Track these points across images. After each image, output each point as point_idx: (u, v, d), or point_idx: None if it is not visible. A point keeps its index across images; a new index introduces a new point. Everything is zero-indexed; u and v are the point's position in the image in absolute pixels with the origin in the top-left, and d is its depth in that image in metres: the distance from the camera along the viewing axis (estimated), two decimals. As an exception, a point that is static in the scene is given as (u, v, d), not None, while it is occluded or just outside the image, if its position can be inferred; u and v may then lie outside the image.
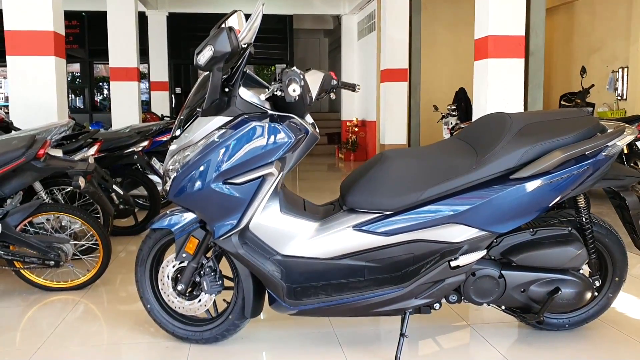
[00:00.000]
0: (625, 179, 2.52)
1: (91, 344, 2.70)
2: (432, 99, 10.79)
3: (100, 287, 3.54)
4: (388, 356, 2.50)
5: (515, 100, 5.73)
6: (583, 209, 2.53)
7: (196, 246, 2.51)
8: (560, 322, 2.71)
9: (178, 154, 2.42)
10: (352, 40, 13.16)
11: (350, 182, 2.52)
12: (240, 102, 2.31)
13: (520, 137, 2.37)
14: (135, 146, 4.81)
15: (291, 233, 2.46)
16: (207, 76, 2.50)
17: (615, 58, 10.72)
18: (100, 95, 18.45)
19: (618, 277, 2.67)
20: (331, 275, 2.49)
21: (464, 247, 2.41)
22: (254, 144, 2.29)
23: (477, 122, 2.66)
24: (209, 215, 2.38)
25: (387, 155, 2.50)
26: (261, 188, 2.34)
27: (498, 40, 5.62)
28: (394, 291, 2.40)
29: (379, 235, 2.43)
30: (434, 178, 2.40)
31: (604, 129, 2.46)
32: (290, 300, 2.42)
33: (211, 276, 2.53)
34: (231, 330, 2.62)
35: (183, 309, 2.62)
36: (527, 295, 2.48)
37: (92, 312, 3.15)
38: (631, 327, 2.80)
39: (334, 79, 2.59)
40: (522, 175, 2.33)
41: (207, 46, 2.15)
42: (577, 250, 2.44)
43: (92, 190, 3.41)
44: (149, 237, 2.65)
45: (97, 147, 4.03)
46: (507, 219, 2.38)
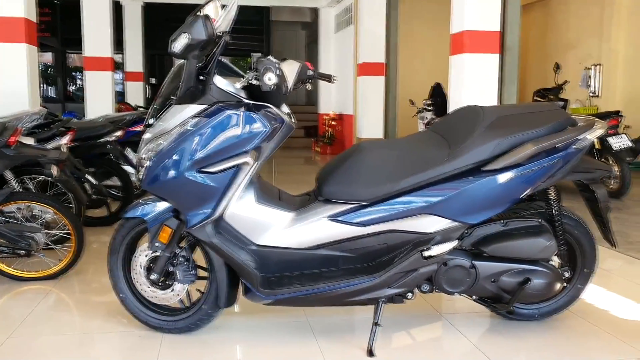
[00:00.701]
0: (595, 172, 2.57)
1: (63, 334, 2.68)
2: (408, 93, 10.83)
3: (72, 277, 3.50)
4: (361, 345, 2.52)
5: (490, 95, 5.79)
6: (553, 201, 2.58)
7: (169, 235, 2.49)
8: (530, 313, 2.76)
9: (152, 143, 2.40)
10: (330, 33, 13.15)
11: (326, 173, 2.53)
12: (216, 91, 2.30)
13: (492, 129, 2.40)
14: (109, 136, 4.76)
15: (266, 223, 2.46)
16: (182, 65, 2.48)
17: (589, 55, 10.89)
18: (73, 86, 18.19)
19: (587, 269, 2.72)
20: (306, 265, 2.50)
21: (436, 237, 2.44)
22: (229, 133, 2.28)
23: (450, 115, 2.69)
24: (182, 204, 2.37)
25: (362, 146, 2.52)
26: (236, 177, 2.34)
27: (474, 35, 5.67)
28: (368, 281, 2.41)
29: (354, 226, 2.45)
30: (408, 169, 2.42)
31: (574, 122, 2.50)
32: (265, 290, 2.42)
33: (184, 266, 2.52)
34: (205, 320, 2.61)
35: (156, 299, 2.60)
36: (498, 285, 2.51)
37: (63, 302, 3.12)
38: (599, 318, 2.86)
39: (310, 69, 2.58)
40: (494, 167, 2.36)
41: (182, 34, 2.14)
42: (547, 241, 2.49)
43: (65, 179, 3.37)
44: (122, 226, 2.63)
45: (69, 136, 3.98)
46: (479, 210, 2.42)
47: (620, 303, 3.09)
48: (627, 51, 10.05)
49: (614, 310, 2.98)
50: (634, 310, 2.98)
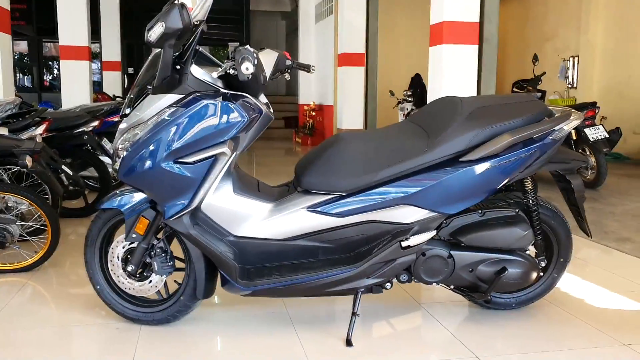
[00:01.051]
0: (571, 162, 2.60)
1: (39, 327, 2.64)
2: (388, 84, 10.86)
3: (48, 269, 3.46)
4: (340, 335, 2.53)
5: (469, 86, 5.81)
6: (530, 192, 2.60)
7: (146, 227, 2.47)
8: (507, 302, 2.79)
9: (128, 133, 2.37)
10: (310, 23, 13.10)
11: (305, 164, 2.53)
12: (192, 80, 2.28)
13: (470, 120, 2.41)
14: (86, 126, 4.70)
15: (245, 214, 2.45)
16: (158, 54, 2.45)
17: (566, 47, 11.00)
18: (49, 75, 17.94)
19: (563, 258, 2.75)
20: (285, 256, 2.50)
21: (414, 227, 2.45)
22: (206, 123, 2.26)
23: (429, 106, 2.69)
24: (159, 195, 2.35)
25: (341, 137, 2.51)
26: (213, 168, 2.32)
27: (453, 26, 5.68)
28: (347, 271, 2.42)
29: (333, 217, 2.44)
30: (387, 160, 2.42)
31: (551, 113, 2.52)
32: (243, 281, 2.41)
33: (162, 257, 2.50)
34: (183, 311, 2.60)
35: (133, 290, 2.58)
36: (475, 274, 2.53)
37: (40, 295, 3.08)
38: (575, 306, 2.90)
39: (289, 59, 2.57)
40: (471, 157, 2.37)
41: (158, 22, 2.11)
42: (524, 231, 2.51)
43: (40, 170, 3.31)
44: (99, 217, 2.60)
45: (45, 126, 3.92)
46: (457, 200, 2.43)
47: (596, 292, 3.13)
48: (604, 43, 10.16)
49: (589, 299, 3.02)
50: (608, 299, 3.02)
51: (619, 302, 2.98)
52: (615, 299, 3.03)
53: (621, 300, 3.01)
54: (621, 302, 2.98)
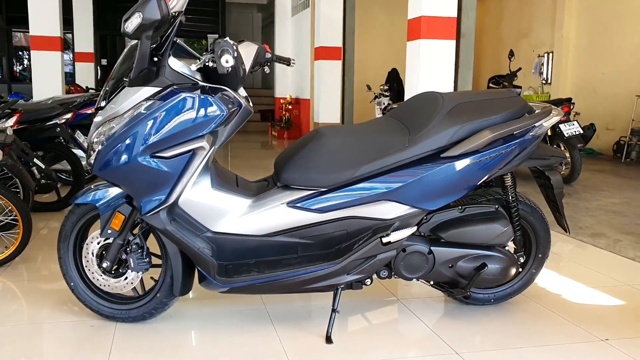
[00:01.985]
0: (550, 158, 2.61)
1: (11, 324, 2.57)
2: (365, 78, 10.85)
3: (19, 264, 3.37)
4: (319, 332, 2.51)
5: (446, 81, 5.82)
6: (510, 188, 2.60)
7: (122, 222, 2.41)
8: (486, 297, 2.80)
9: (103, 126, 2.31)
10: (286, 16, 13.02)
11: (285, 159, 2.49)
12: (170, 73, 2.22)
13: (451, 116, 2.40)
14: (58, 118, 4.60)
15: (223, 209, 2.41)
16: (134, 46, 2.39)
17: (541, 43, 11.11)
18: (19, 66, 17.58)
19: (541, 254, 2.76)
20: (264, 252, 2.46)
21: (395, 223, 2.43)
22: (184, 116, 2.21)
23: (409, 101, 2.67)
24: (135, 190, 2.29)
25: (321, 132, 2.48)
26: (191, 162, 2.27)
27: (431, 20, 5.68)
28: (327, 267, 2.39)
29: (313, 212, 2.41)
30: (367, 156, 2.40)
31: (531, 109, 2.52)
32: (222, 278, 2.37)
33: (138, 253, 2.45)
34: (159, 308, 2.55)
35: (109, 287, 2.52)
36: (455, 270, 2.53)
37: (11, 291, 3.00)
38: (552, 302, 2.92)
39: (268, 52, 2.53)
40: (452, 153, 2.36)
41: (135, 13, 2.05)
42: (504, 227, 2.51)
43: (11, 164, 3.22)
44: (72, 212, 2.54)
45: (16, 118, 3.82)
46: (437, 196, 2.42)
47: (572, 287, 3.16)
48: (578, 39, 10.29)
49: (566, 294, 3.05)
50: (585, 294, 3.05)
51: (595, 297, 3.01)
52: (591, 294, 3.06)
53: (597, 295, 3.04)
54: (597, 297, 3.01)
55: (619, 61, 9.47)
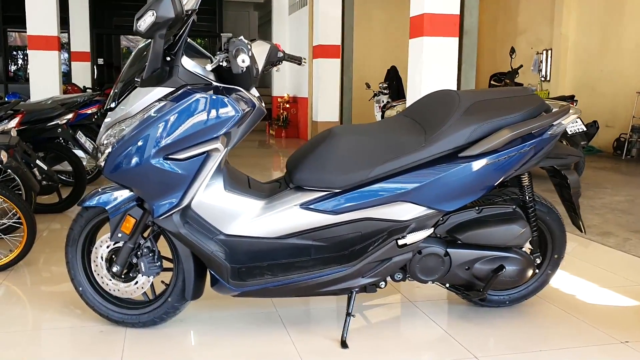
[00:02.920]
0: (567, 157, 2.56)
1: (17, 329, 2.51)
2: (363, 76, 10.81)
3: (22, 267, 3.31)
4: (333, 335, 2.46)
5: (449, 79, 5.78)
6: (527, 188, 2.56)
7: (133, 225, 2.36)
8: (501, 299, 2.75)
9: (113, 128, 2.26)
10: (284, 14, 12.96)
11: (298, 159, 2.44)
12: (183, 73, 2.17)
13: (468, 115, 2.35)
14: (59, 119, 4.53)
15: (236, 212, 2.36)
16: (143, 48, 2.34)
17: (539, 41, 11.08)
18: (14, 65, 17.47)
19: (557, 255, 2.72)
20: (277, 255, 2.41)
21: (411, 225, 2.39)
22: (198, 118, 2.15)
23: (424, 100, 2.62)
24: (148, 192, 2.24)
25: (335, 131, 2.43)
26: (205, 164, 2.22)
27: (434, 18, 5.63)
28: (341, 270, 2.35)
29: (326, 214, 2.37)
30: (382, 156, 2.35)
31: (549, 108, 2.48)
32: (235, 282, 2.32)
33: (149, 257, 2.40)
34: (170, 313, 2.50)
35: (118, 292, 2.47)
36: (472, 272, 2.49)
37: (15, 295, 2.94)
38: (567, 303, 2.88)
39: (280, 51, 2.48)
40: (470, 153, 2.32)
41: (148, 11, 1.99)
42: (522, 228, 2.47)
43: (15, 166, 3.15)
44: (81, 215, 2.48)
45: (18, 120, 3.75)
46: (455, 197, 2.37)
47: (585, 287, 3.12)
48: (577, 37, 10.26)
49: (580, 295, 3.01)
50: (599, 295, 3.01)
51: (609, 298, 2.97)
52: (605, 294, 3.02)
53: (611, 296, 3.00)
54: (612, 298, 2.97)
55: (618, 58, 9.45)
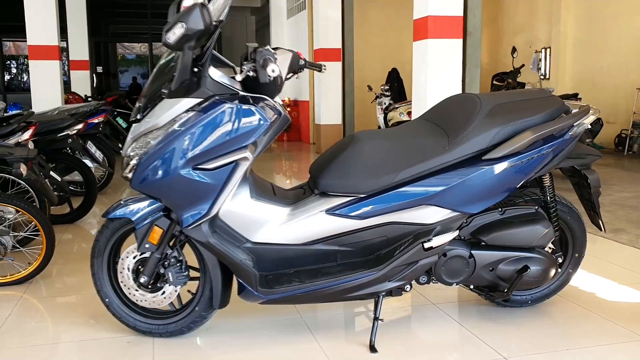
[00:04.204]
0: (587, 157, 2.59)
1: (48, 344, 2.52)
2: (363, 78, 10.82)
3: (38, 280, 3.31)
4: (361, 340, 2.48)
5: (454, 80, 5.81)
6: (548, 188, 2.58)
7: (160, 236, 2.36)
8: (523, 299, 2.77)
9: (139, 140, 2.27)
10: (282, 18, 12.97)
11: (321, 165, 2.45)
12: (211, 83, 2.18)
13: (491, 118, 2.37)
14: (70, 129, 4.54)
15: (262, 219, 2.37)
16: (165, 64, 2.36)
17: (538, 39, 11.12)
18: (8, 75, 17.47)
19: (578, 253, 2.75)
20: (303, 261, 2.43)
21: (436, 228, 2.40)
22: (228, 127, 2.16)
23: (443, 104, 2.64)
24: (177, 203, 2.25)
25: (358, 137, 2.45)
26: (234, 173, 2.23)
27: (437, 20, 5.66)
28: (368, 275, 2.36)
29: (352, 219, 2.38)
30: (406, 160, 2.36)
31: (568, 109, 2.50)
32: (263, 289, 2.33)
33: (177, 267, 2.41)
34: (198, 322, 2.50)
35: (145, 302, 2.48)
36: (496, 273, 2.50)
37: (37, 309, 2.94)
38: (587, 301, 2.90)
39: (302, 59, 2.49)
40: (494, 155, 2.34)
41: (177, 23, 1.99)
42: (545, 228, 2.49)
43: (35, 178, 3.16)
44: (106, 227, 2.48)
45: (32, 131, 3.75)
46: (479, 199, 2.39)
47: (604, 285, 3.14)
48: (575, 34, 10.30)
49: (600, 292, 3.03)
50: (618, 292, 3.03)
51: (628, 294, 2.99)
52: (624, 291, 3.04)
53: (630, 292, 3.02)
54: (631, 294, 2.99)
55: (617, 54, 9.49)
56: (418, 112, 5.93)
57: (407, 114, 8.10)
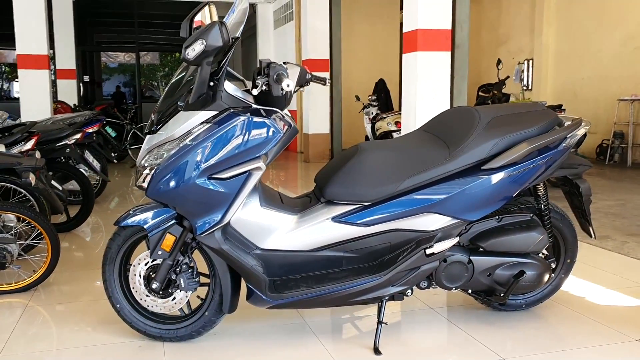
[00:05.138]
0: (579, 167, 2.72)
1: (58, 350, 2.58)
2: (350, 88, 10.96)
3: (40, 287, 3.35)
4: (365, 343, 2.57)
5: (443, 91, 5.96)
6: (542, 197, 2.71)
7: (173, 243, 2.45)
8: (518, 303, 2.89)
9: (154, 151, 2.36)
10: (269, 29, 13.09)
11: (327, 174, 2.56)
12: (226, 96, 2.28)
13: (489, 130, 2.50)
14: (68, 139, 4.59)
15: (271, 227, 2.46)
16: (177, 82, 2.45)
17: (520, 50, 11.36)
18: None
19: (570, 259, 2.88)
20: (309, 267, 2.52)
21: (437, 235, 2.51)
22: (243, 138, 2.26)
23: (442, 116, 2.76)
24: (191, 211, 2.33)
25: (363, 147, 2.56)
26: (247, 182, 2.32)
27: (427, 33, 5.81)
28: (372, 280, 2.46)
29: (357, 226, 2.49)
30: (410, 169, 2.48)
31: (561, 122, 2.63)
32: (272, 294, 2.42)
33: (188, 273, 2.49)
34: (207, 326, 2.59)
35: (156, 308, 2.55)
36: (493, 278, 2.62)
37: (43, 315, 2.99)
38: (578, 304, 3.03)
39: (308, 72, 2.60)
40: (493, 165, 2.46)
41: (198, 40, 2.10)
42: (540, 235, 2.61)
43: (42, 187, 3.22)
44: (118, 234, 2.56)
45: (34, 141, 3.81)
46: (479, 207, 2.51)
47: (593, 289, 3.28)
48: (557, 45, 10.56)
49: (590, 296, 3.16)
50: (607, 296, 3.17)
51: (617, 298, 3.13)
52: (612, 295, 3.18)
53: (618, 296, 3.16)
54: (619, 298, 3.13)
55: (598, 66, 9.75)
56: (407, 122, 6.08)
57: (395, 124, 8.24)
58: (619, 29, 9.30)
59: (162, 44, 21.52)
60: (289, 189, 7.28)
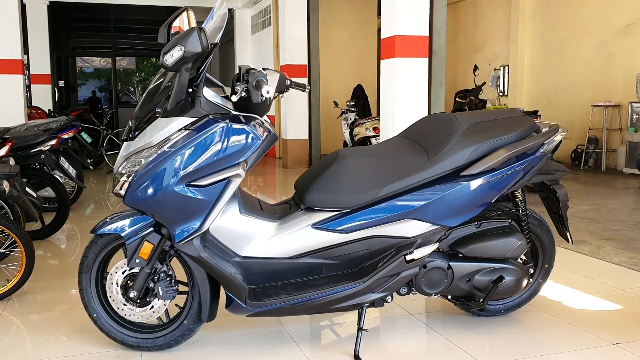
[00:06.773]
0: (556, 173, 2.75)
1: (39, 358, 2.53)
2: (328, 94, 10.99)
3: (13, 296, 3.29)
4: (345, 350, 2.56)
5: (420, 98, 5.99)
6: (520, 203, 2.73)
7: (151, 251, 2.41)
8: (497, 308, 2.91)
9: (131, 158, 2.33)
10: (246, 34, 13.07)
11: (307, 181, 2.55)
12: (205, 103, 2.26)
13: (468, 136, 2.51)
14: (43, 145, 4.51)
15: (251, 234, 2.45)
16: (155, 88, 2.42)
17: (496, 57, 11.49)
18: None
19: (547, 264, 2.90)
20: (289, 274, 2.51)
21: (417, 241, 2.52)
22: (221, 145, 2.25)
23: (421, 123, 2.77)
24: (169, 218, 2.31)
25: (342, 154, 2.55)
26: (226, 189, 2.30)
27: (404, 40, 5.85)
28: (353, 287, 2.45)
29: (337, 233, 2.48)
30: (389, 176, 2.48)
31: (539, 128, 2.66)
32: (252, 302, 2.40)
33: (166, 281, 2.46)
34: (186, 335, 2.56)
35: (134, 317, 2.52)
36: (472, 284, 2.63)
37: (18, 326, 2.93)
38: (556, 309, 3.05)
39: (288, 79, 2.59)
40: (472, 172, 2.47)
41: (176, 46, 2.08)
42: (519, 240, 2.63)
43: (17, 195, 3.16)
44: (94, 243, 2.52)
45: (8, 148, 3.74)
46: (457, 213, 2.52)
47: (570, 294, 3.31)
48: (532, 52, 10.70)
49: (567, 301, 3.19)
50: (584, 300, 3.20)
51: (594, 303, 3.16)
52: (589, 300, 3.21)
53: (595, 301, 3.19)
54: (596, 303, 3.16)
55: (572, 73, 9.89)
56: (386, 128, 6.10)
57: (373, 129, 8.27)
58: (592, 36, 9.46)
59: (138, 49, 21.39)
60: (267, 195, 7.26)
